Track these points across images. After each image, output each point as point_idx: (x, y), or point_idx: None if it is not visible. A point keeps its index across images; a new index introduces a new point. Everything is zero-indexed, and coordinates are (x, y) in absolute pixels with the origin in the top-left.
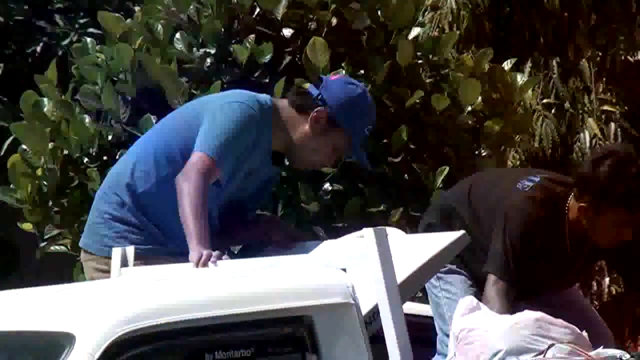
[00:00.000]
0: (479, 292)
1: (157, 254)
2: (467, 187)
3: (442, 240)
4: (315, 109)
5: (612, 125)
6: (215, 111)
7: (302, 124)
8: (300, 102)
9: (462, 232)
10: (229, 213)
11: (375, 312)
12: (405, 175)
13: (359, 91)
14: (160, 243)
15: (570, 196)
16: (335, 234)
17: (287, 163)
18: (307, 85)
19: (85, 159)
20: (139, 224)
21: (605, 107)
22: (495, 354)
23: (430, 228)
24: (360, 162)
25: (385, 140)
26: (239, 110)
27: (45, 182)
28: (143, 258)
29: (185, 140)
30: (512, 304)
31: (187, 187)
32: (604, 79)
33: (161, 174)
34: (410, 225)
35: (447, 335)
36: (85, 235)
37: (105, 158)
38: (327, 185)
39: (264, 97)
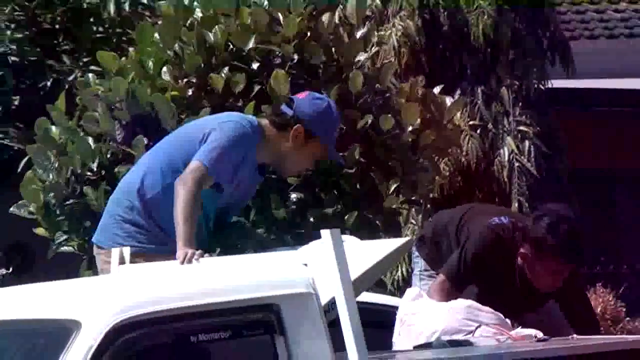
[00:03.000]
0: None
1: (159, 252)
2: (461, 213)
3: (390, 245)
4: (294, 127)
5: (527, 142)
6: (213, 129)
7: (283, 140)
8: (279, 121)
9: (408, 238)
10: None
11: (332, 303)
12: (358, 184)
13: (325, 104)
14: (162, 243)
15: None
16: (300, 238)
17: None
18: (282, 106)
19: (88, 173)
20: (146, 225)
21: (521, 128)
22: (433, 333)
23: (421, 240)
24: (337, 161)
25: (341, 154)
26: (233, 127)
27: (52, 195)
28: (146, 255)
29: (187, 153)
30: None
31: (182, 191)
32: (520, 104)
33: (166, 182)
34: (365, 227)
35: None
36: (98, 233)
37: (103, 173)
38: (293, 195)
39: (251, 117)
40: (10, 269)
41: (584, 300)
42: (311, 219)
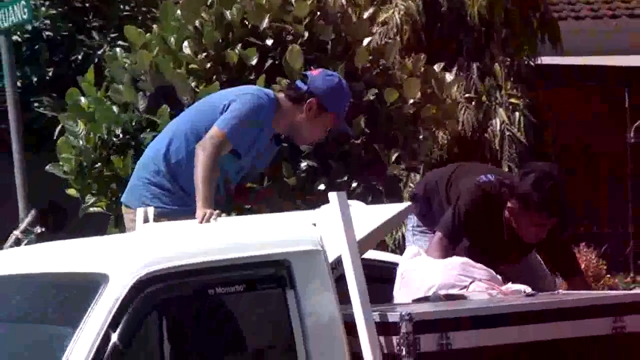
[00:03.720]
0: None
1: (182, 213)
2: (450, 171)
3: (393, 209)
4: (307, 100)
5: (517, 114)
6: (233, 100)
7: (298, 112)
8: (294, 95)
9: (408, 203)
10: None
11: (339, 261)
12: (363, 152)
13: (336, 80)
14: (185, 204)
15: None
16: (311, 205)
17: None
18: (297, 82)
19: (114, 139)
20: (170, 188)
21: (512, 100)
22: (430, 288)
23: (414, 197)
24: (346, 132)
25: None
26: (251, 99)
27: (82, 159)
28: (170, 215)
29: (209, 122)
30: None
31: (202, 155)
32: (512, 79)
33: (190, 148)
34: (368, 193)
35: None
36: (126, 194)
37: (128, 139)
38: (304, 164)
39: (268, 90)
40: (45, 227)
41: (569, 251)
42: (320, 186)
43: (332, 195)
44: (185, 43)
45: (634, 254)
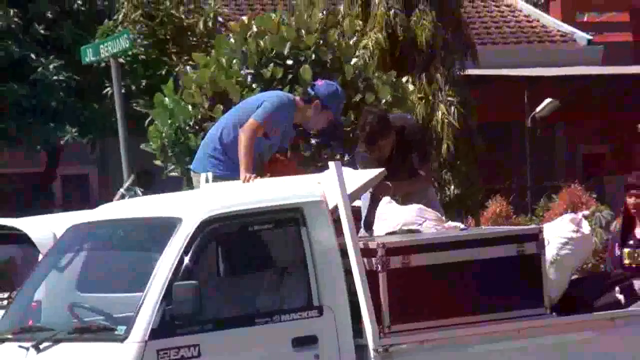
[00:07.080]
0: None
1: (230, 177)
2: None
3: (371, 173)
4: (315, 101)
5: (452, 107)
6: (265, 100)
7: (308, 109)
8: (306, 98)
9: (381, 169)
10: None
11: (336, 207)
12: (351, 135)
13: (334, 87)
14: (233, 171)
15: None
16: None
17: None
18: (308, 89)
19: (187, 127)
20: (223, 160)
21: (449, 99)
22: (397, 225)
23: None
24: (340, 124)
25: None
26: (278, 100)
27: (165, 140)
28: (223, 179)
29: (248, 115)
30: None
31: (243, 136)
32: (450, 84)
33: (236, 133)
34: (355, 163)
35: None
36: (194, 163)
37: (197, 127)
38: (313, 141)
39: (290, 95)
40: (140, 187)
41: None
42: (325, 156)
43: (331, 164)
44: (234, 61)
45: (531, 201)
